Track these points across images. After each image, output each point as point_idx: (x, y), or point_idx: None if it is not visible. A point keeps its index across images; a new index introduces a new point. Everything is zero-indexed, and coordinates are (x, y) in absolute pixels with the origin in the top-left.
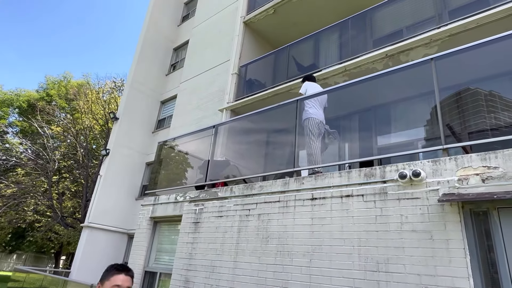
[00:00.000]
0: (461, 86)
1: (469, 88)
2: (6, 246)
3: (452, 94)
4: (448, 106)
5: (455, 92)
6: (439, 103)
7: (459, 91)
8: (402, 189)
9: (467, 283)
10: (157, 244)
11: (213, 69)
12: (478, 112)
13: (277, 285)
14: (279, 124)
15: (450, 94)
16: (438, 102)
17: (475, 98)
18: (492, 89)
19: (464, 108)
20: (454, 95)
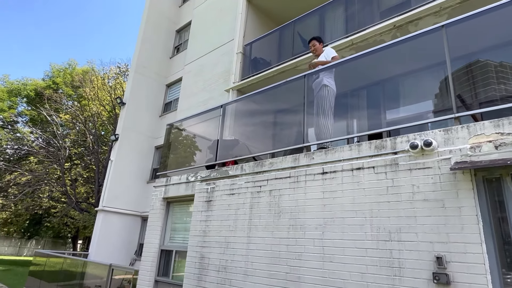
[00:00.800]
0: (472, 56)
1: (479, 60)
2: (24, 232)
3: (461, 67)
4: (458, 78)
5: (465, 65)
6: (450, 70)
7: (469, 63)
8: (414, 159)
9: (480, 249)
10: (171, 223)
11: (217, 50)
12: (488, 84)
13: (290, 258)
14: (287, 103)
15: (460, 67)
16: (449, 67)
17: (485, 69)
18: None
19: (474, 80)
20: (464, 68)
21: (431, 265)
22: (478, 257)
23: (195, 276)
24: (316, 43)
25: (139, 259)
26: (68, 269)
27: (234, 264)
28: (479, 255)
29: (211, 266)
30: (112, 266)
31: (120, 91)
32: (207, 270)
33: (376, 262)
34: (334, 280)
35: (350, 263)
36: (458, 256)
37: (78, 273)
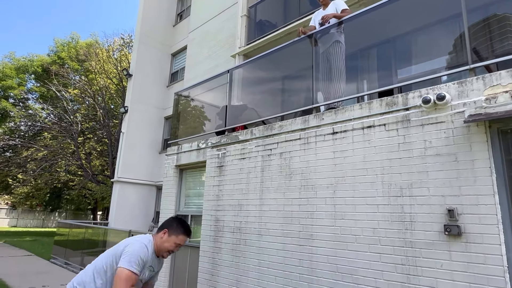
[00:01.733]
0: (488, 7)
1: (497, 14)
2: (46, 206)
3: (478, 21)
4: (474, 34)
5: (481, 19)
6: (466, 19)
7: (486, 17)
8: (426, 114)
9: (492, 200)
10: (185, 190)
11: (221, 14)
12: (506, 39)
13: (302, 217)
14: (294, 66)
15: (476, 22)
16: (465, 17)
17: (503, 23)
18: None
19: (491, 35)
20: (481, 22)
21: (443, 218)
22: (490, 208)
23: (211, 238)
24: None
25: (156, 225)
26: (91, 238)
27: (248, 225)
28: (492, 206)
29: (226, 228)
30: (131, 232)
31: (126, 63)
32: (222, 231)
33: (387, 218)
34: (346, 236)
35: (361, 219)
36: (470, 208)
37: (100, 241)
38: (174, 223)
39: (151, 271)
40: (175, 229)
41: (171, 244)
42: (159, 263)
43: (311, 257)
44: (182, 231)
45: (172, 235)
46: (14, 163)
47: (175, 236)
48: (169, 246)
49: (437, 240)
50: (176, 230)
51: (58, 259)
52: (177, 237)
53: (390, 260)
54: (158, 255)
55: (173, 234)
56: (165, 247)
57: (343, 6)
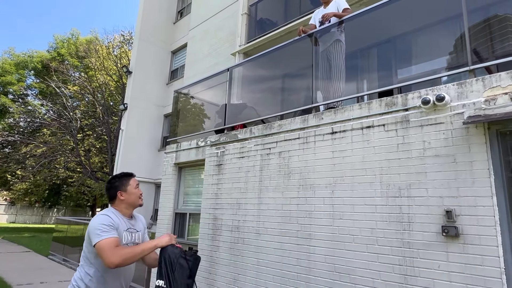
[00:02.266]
0: (488, 8)
1: (498, 15)
2: (45, 202)
3: (478, 22)
4: (474, 35)
5: (482, 20)
6: (466, 20)
7: (487, 18)
8: (425, 115)
9: (490, 201)
10: (184, 188)
11: (222, 12)
12: (506, 40)
13: (301, 216)
14: (294, 65)
15: (476, 22)
16: (466, 18)
17: (503, 24)
18: None
19: (492, 36)
20: (481, 23)
21: (441, 219)
22: (488, 209)
23: (209, 236)
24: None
25: (155, 223)
26: None
27: (246, 224)
28: (489, 208)
29: (224, 226)
30: None
31: (125, 60)
32: (220, 230)
33: (385, 218)
34: (344, 236)
35: (359, 219)
36: (468, 210)
37: None
38: (117, 182)
39: (134, 232)
40: (122, 183)
41: (134, 192)
42: (136, 222)
43: (309, 257)
44: (128, 178)
45: (127, 187)
46: (13, 159)
47: (129, 186)
48: (135, 195)
49: (435, 241)
50: (124, 182)
51: (56, 255)
52: (130, 185)
53: (388, 260)
54: (131, 216)
55: (125, 187)
56: (133, 199)
57: (344, 5)
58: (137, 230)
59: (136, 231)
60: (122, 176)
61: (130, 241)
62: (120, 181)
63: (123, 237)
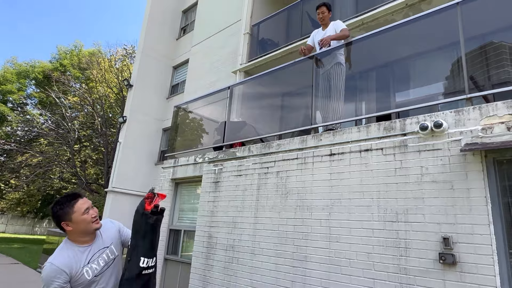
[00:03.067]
0: (486, 36)
1: (493, 42)
2: (37, 212)
3: (474, 49)
4: (471, 60)
5: (478, 47)
6: (463, 50)
7: (483, 45)
8: (423, 141)
9: (488, 230)
10: (180, 204)
11: (225, 30)
12: (502, 66)
13: (297, 238)
14: (294, 85)
15: (473, 49)
16: (463, 47)
17: (499, 51)
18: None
19: (488, 62)
20: (477, 49)
21: (438, 246)
22: (485, 238)
23: (203, 254)
24: (325, 10)
25: None
26: None
27: (242, 243)
28: (487, 236)
29: (219, 245)
30: None
31: (127, 73)
32: (215, 249)
33: (382, 243)
34: (340, 259)
35: (356, 243)
36: (465, 237)
37: None
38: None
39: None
40: (65, 211)
41: (79, 220)
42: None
43: (304, 279)
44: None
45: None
46: (8, 167)
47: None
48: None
49: (432, 268)
50: (66, 211)
51: None
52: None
53: (385, 286)
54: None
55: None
56: (84, 227)
57: (341, 26)
58: (107, 245)
59: (107, 247)
60: (64, 201)
61: (102, 266)
62: (62, 210)
63: (85, 273)
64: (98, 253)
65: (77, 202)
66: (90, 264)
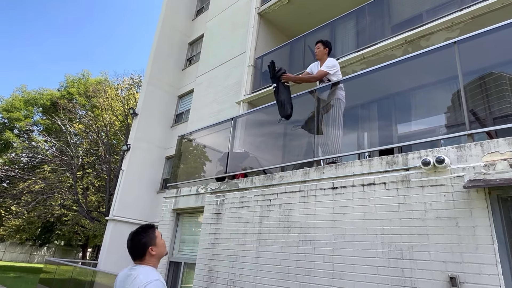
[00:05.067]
0: (485, 70)
1: (493, 73)
2: (36, 240)
3: (474, 79)
4: (471, 91)
5: (478, 77)
6: (463, 88)
7: (482, 76)
8: (426, 176)
9: (495, 270)
10: (180, 235)
11: (229, 62)
12: (502, 97)
13: (300, 273)
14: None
15: (473, 79)
16: (462, 87)
17: (499, 82)
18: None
19: (488, 93)
20: (477, 80)
21: (445, 286)
22: (493, 278)
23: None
24: (320, 47)
25: None
26: (78, 278)
27: (243, 278)
28: (495, 277)
29: (220, 279)
30: None
31: (133, 102)
32: (215, 283)
33: (387, 281)
34: None
35: (360, 280)
36: (472, 277)
37: (87, 282)
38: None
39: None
40: (150, 238)
41: (160, 244)
42: None
43: None
44: (152, 231)
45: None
46: (9, 194)
47: (157, 239)
48: (163, 247)
49: None
50: (151, 237)
51: None
52: (157, 237)
53: None
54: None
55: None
56: (162, 250)
57: (324, 66)
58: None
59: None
60: (147, 229)
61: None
62: (147, 236)
63: None
64: None
65: (155, 229)
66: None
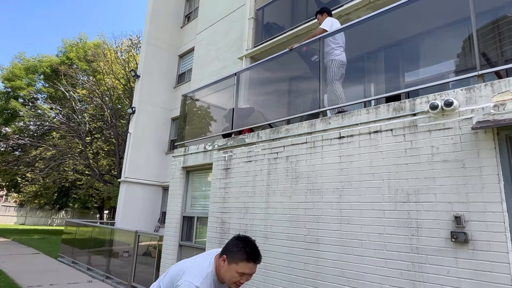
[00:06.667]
0: (498, 10)
1: (507, 16)
2: (54, 204)
3: (487, 24)
4: (483, 36)
5: (491, 21)
6: (474, 25)
7: (496, 19)
8: (433, 120)
9: (500, 207)
10: (191, 191)
11: (229, 16)
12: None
13: (308, 221)
14: (301, 69)
15: (485, 24)
16: (474, 22)
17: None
18: None
19: (501, 37)
20: (490, 24)
21: (449, 225)
22: (498, 215)
23: (216, 239)
24: (318, 17)
25: (162, 226)
26: (97, 237)
27: (254, 228)
28: (499, 214)
29: (232, 230)
30: (138, 232)
31: (133, 64)
32: (228, 234)
33: (393, 223)
34: (352, 241)
35: (367, 224)
36: (477, 215)
37: (106, 240)
38: (234, 247)
39: None
40: (235, 254)
41: (232, 274)
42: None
43: (317, 261)
44: (244, 257)
45: (232, 263)
46: (23, 162)
47: (235, 264)
48: (231, 277)
49: (444, 246)
50: (235, 255)
51: (66, 257)
52: (237, 265)
53: (396, 265)
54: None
55: (233, 261)
56: (228, 279)
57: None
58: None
59: None
60: (245, 249)
61: None
62: (236, 249)
63: None
64: None
65: (245, 262)
66: None
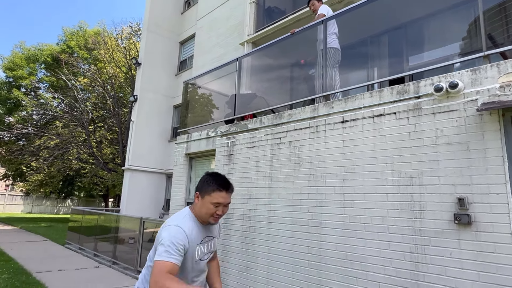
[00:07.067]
0: None
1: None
2: (59, 193)
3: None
4: (489, 19)
5: (497, 3)
6: (481, 4)
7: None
8: (438, 102)
9: (504, 189)
10: (195, 178)
11: (230, 1)
12: None
13: (312, 205)
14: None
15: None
16: (481, 2)
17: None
18: None
19: (507, 20)
20: (497, 6)
21: (453, 207)
22: (501, 197)
23: (220, 225)
24: (314, 2)
25: (166, 213)
26: (103, 224)
27: (258, 212)
28: (503, 195)
29: (235, 215)
30: (143, 219)
31: (134, 52)
32: (232, 219)
33: (397, 206)
34: (355, 224)
35: (371, 208)
36: (480, 197)
37: (112, 227)
38: (205, 182)
39: (210, 240)
40: (206, 187)
41: (208, 207)
42: (213, 229)
43: (320, 245)
44: (215, 187)
45: (206, 196)
46: (27, 151)
47: (208, 196)
48: (208, 210)
49: (447, 228)
50: (207, 188)
51: (73, 244)
52: (210, 196)
53: (399, 248)
54: (206, 223)
55: (206, 194)
56: (205, 213)
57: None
58: (213, 236)
59: (212, 237)
60: (214, 179)
61: (205, 252)
62: (207, 184)
63: (196, 252)
64: (207, 238)
65: (216, 192)
66: (201, 245)
